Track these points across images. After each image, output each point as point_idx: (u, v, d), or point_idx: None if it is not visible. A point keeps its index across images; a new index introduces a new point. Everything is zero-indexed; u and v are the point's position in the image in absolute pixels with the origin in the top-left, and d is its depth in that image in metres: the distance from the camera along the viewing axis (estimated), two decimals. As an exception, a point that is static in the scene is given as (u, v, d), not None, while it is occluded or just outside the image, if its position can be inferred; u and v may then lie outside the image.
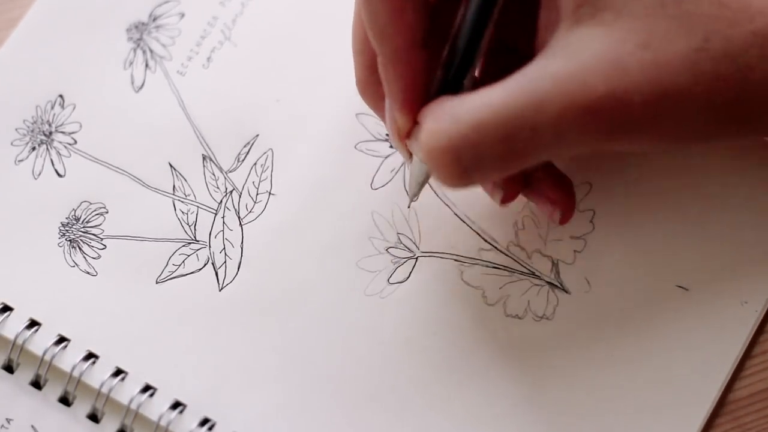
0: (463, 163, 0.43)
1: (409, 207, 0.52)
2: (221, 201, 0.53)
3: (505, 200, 0.50)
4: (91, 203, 0.53)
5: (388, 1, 0.45)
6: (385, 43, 0.46)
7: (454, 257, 0.51)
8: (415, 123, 0.46)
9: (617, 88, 0.42)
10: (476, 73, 0.46)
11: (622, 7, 0.43)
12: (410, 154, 0.47)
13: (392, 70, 0.46)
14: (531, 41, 0.46)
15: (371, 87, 0.49)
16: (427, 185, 0.51)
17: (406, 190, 0.52)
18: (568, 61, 0.43)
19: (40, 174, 0.54)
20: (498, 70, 0.47)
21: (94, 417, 0.50)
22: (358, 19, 0.48)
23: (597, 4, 0.43)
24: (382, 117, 0.49)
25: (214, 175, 0.54)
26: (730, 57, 0.43)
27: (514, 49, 0.49)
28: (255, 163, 0.54)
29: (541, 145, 0.43)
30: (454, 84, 0.45)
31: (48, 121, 0.55)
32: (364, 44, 0.48)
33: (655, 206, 0.51)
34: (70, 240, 0.53)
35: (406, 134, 0.47)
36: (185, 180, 0.54)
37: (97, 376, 0.50)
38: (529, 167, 0.44)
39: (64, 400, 0.50)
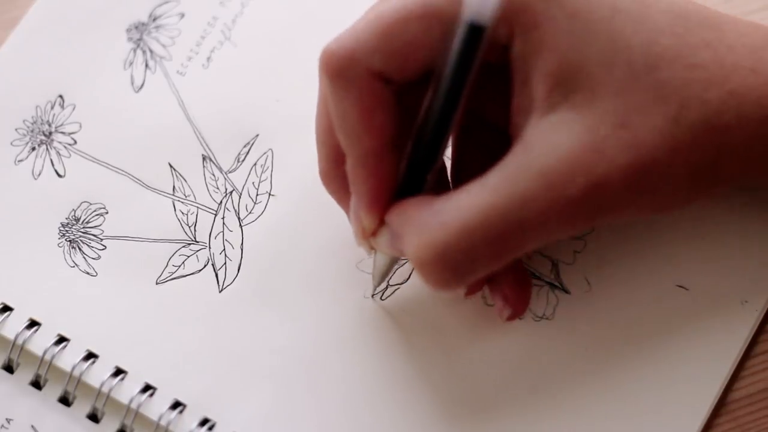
0: (456, 270, 0.44)
1: (372, 297, 0.51)
2: (221, 201, 0.53)
3: (469, 293, 0.50)
4: (91, 203, 0.53)
5: (359, 102, 0.44)
6: (355, 144, 0.45)
7: (454, 257, 0.51)
8: (381, 223, 0.46)
9: (598, 177, 0.42)
10: (448, 151, 0.46)
11: (594, 86, 0.43)
12: (372, 249, 0.48)
13: (361, 172, 0.45)
14: (504, 115, 0.46)
15: (336, 180, 0.48)
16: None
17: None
18: (547, 154, 0.43)
19: (39, 174, 0.54)
20: (471, 145, 0.47)
21: (94, 417, 0.50)
22: (322, 110, 0.48)
23: (568, 86, 0.43)
24: (345, 209, 0.49)
25: (213, 175, 0.54)
26: (707, 122, 0.43)
27: (487, 123, 0.48)
28: (255, 164, 0.54)
29: (528, 240, 0.43)
30: (419, 178, 0.45)
31: (48, 121, 0.55)
32: (328, 135, 0.47)
33: (655, 206, 0.51)
34: (70, 240, 0.53)
35: (371, 233, 0.47)
36: (185, 180, 0.54)
37: (97, 375, 0.50)
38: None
39: (64, 400, 0.50)
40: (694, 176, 0.44)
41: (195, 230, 0.53)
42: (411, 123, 0.45)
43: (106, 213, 0.53)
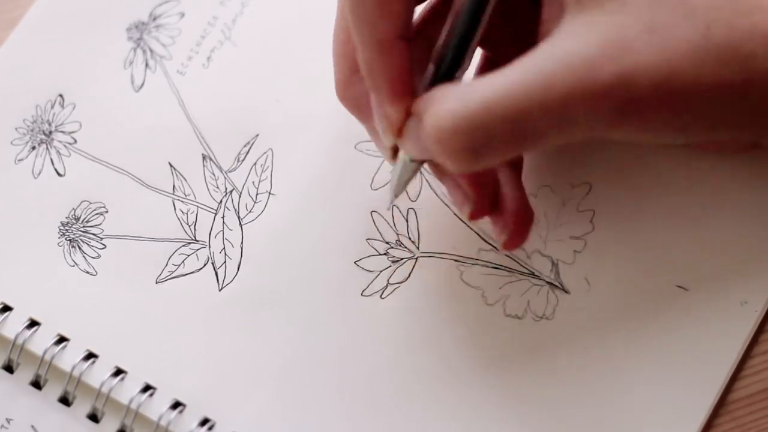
0: (474, 144, 0.43)
1: (388, 209, 0.51)
2: (221, 201, 0.53)
3: (474, 216, 0.49)
4: (91, 203, 0.53)
5: None
6: (370, 32, 0.45)
7: (454, 257, 0.51)
8: (407, 114, 0.45)
9: (625, 69, 0.42)
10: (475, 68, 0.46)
11: None
12: (394, 154, 0.47)
13: (378, 62, 0.45)
14: (533, 35, 0.46)
15: (353, 87, 0.48)
16: (426, 185, 0.51)
17: (407, 193, 0.51)
18: (575, 42, 0.42)
19: (39, 173, 0.54)
20: (500, 63, 0.47)
21: (94, 417, 0.50)
22: (340, 23, 0.48)
23: None
24: (363, 119, 0.49)
25: (214, 174, 0.54)
26: (733, 45, 0.43)
27: (516, 44, 0.48)
28: (255, 163, 0.54)
29: (550, 125, 0.42)
30: (447, 78, 0.45)
31: (48, 120, 0.55)
32: (346, 46, 0.48)
33: (655, 206, 0.51)
34: (70, 239, 0.53)
35: (399, 129, 0.46)
36: (185, 180, 0.54)
37: (97, 375, 0.50)
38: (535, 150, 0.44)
39: (64, 400, 0.50)
40: (720, 99, 0.43)
41: (195, 229, 0.53)
42: (430, 27, 0.46)
43: (106, 212, 0.53)
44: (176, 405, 0.50)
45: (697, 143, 0.51)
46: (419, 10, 0.48)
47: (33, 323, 0.51)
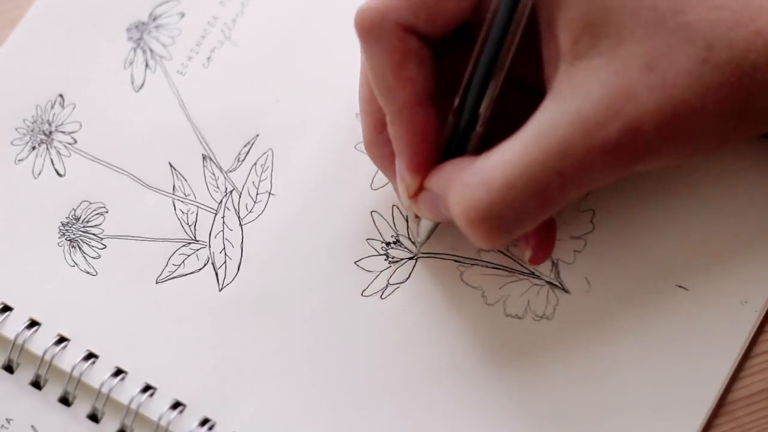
0: (503, 225, 0.44)
1: (416, 258, 0.52)
2: (221, 201, 0.53)
3: (534, 262, 0.50)
4: (91, 203, 0.53)
5: (390, 55, 0.45)
6: (390, 98, 0.46)
7: (454, 257, 0.51)
8: (422, 185, 0.47)
9: (631, 119, 0.43)
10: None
11: (621, 31, 0.43)
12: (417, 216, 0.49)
13: (398, 127, 0.46)
14: (538, 75, 0.46)
15: (379, 147, 0.49)
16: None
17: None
18: (578, 100, 0.43)
19: (40, 173, 0.54)
20: (508, 108, 0.47)
21: (94, 417, 0.50)
22: (364, 80, 0.49)
23: (595, 32, 0.43)
24: (389, 176, 0.50)
25: (214, 174, 0.54)
26: (734, 62, 0.43)
27: (523, 84, 0.49)
28: (255, 163, 0.54)
29: (571, 189, 0.44)
30: (463, 139, 0.46)
31: (48, 120, 0.55)
32: (371, 104, 0.48)
33: (655, 206, 0.51)
34: (70, 240, 0.53)
35: (413, 195, 0.47)
36: (185, 180, 0.54)
37: (97, 376, 0.50)
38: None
39: (64, 400, 0.50)
40: (725, 116, 0.44)
41: (195, 229, 0.53)
42: (452, 83, 0.46)
43: (106, 212, 0.53)
44: (176, 405, 0.50)
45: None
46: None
47: (33, 323, 0.51)
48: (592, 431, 0.48)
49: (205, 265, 0.52)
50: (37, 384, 0.51)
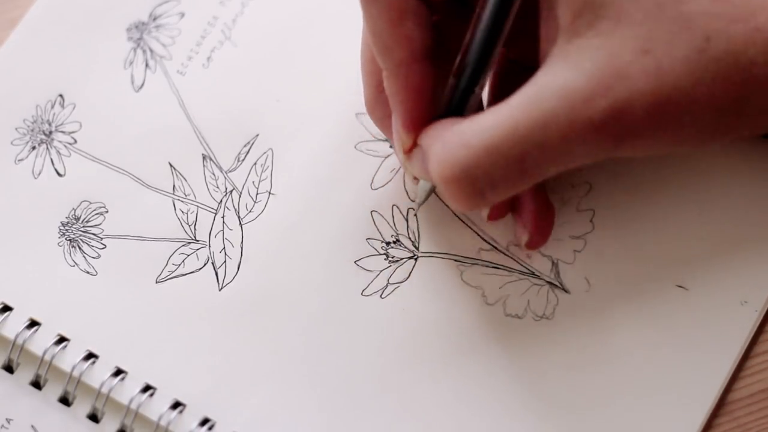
0: (477, 188, 0.44)
1: (415, 214, 0.52)
2: (221, 201, 0.53)
3: (492, 218, 0.50)
4: (91, 203, 0.53)
5: (387, 13, 0.45)
6: (387, 55, 0.46)
7: (454, 257, 0.51)
8: (416, 142, 0.47)
9: (619, 99, 0.42)
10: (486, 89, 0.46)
11: (620, 13, 0.43)
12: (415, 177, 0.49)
13: (394, 83, 0.47)
14: (535, 53, 0.46)
15: (379, 106, 0.49)
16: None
17: (406, 192, 0.52)
18: (569, 74, 0.43)
19: (40, 173, 0.54)
20: (505, 84, 0.47)
21: (94, 417, 0.50)
22: (366, 42, 0.49)
23: (595, 12, 0.43)
24: (387, 135, 0.50)
25: (214, 174, 0.54)
26: (732, 55, 0.43)
27: (520, 62, 0.49)
28: (255, 163, 0.54)
29: (551, 162, 0.43)
30: (464, 96, 0.46)
31: (48, 120, 0.55)
32: (372, 64, 0.49)
33: (655, 206, 0.51)
34: (70, 239, 0.53)
35: (407, 151, 0.47)
36: (185, 180, 0.54)
37: (97, 376, 0.50)
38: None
39: (64, 400, 0.50)
40: (718, 110, 0.43)
41: (195, 229, 0.53)
42: (450, 46, 0.46)
43: (106, 212, 0.53)
44: (176, 405, 0.50)
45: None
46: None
47: (33, 323, 0.51)
48: (592, 431, 0.48)
49: (205, 264, 0.52)
50: (37, 384, 0.51)
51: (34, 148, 0.54)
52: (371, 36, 0.46)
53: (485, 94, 0.50)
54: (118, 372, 0.50)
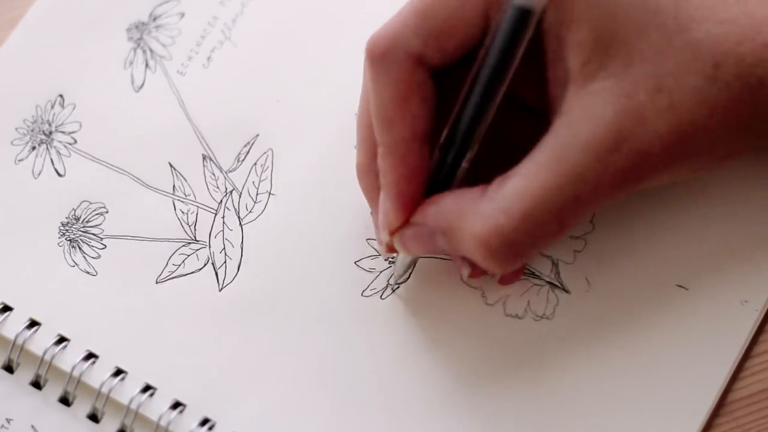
0: (521, 252, 0.44)
1: (394, 290, 0.51)
2: (221, 201, 0.53)
3: (473, 276, 0.50)
4: (91, 203, 0.53)
5: (396, 86, 0.45)
6: (388, 130, 0.45)
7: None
8: (406, 222, 0.46)
9: (641, 144, 0.43)
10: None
11: (630, 51, 0.43)
12: (389, 249, 0.48)
13: (390, 160, 0.46)
14: (540, 95, 0.46)
15: (370, 175, 0.49)
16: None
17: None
18: (591, 126, 0.43)
19: (40, 173, 0.54)
20: (502, 126, 0.47)
21: (94, 417, 0.50)
22: (365, 106, 0.48)
23: (605, 52, 0.43)
24: (373, 207, 0.49)
25: (214, 174, 0.54)
26: (741, 78, 0.43)
27: (521, 102, 0.49)
28: (255, 163, 0.54)
29: (584, 212, 0.44)
30: (451, 171, 0.46)
31: (48, 120, 0.55)
32: (369, 131, 0.48)
33: (655, 206, 0.51)
34: (70, 240, 0.53)
35: (394, 231, 0.47)
36: (185, 180, 0.54)
37: (97, 376, 0.50)
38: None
39: (64, 400, 0.50)
40: (730, 134, 0.44)
41: (195, 229, 0.53)
42: (444, 119, 0.46)
43: (106, 212, 0.53)
44: (176, 405, 0.50)
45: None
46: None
47: (33, 323, 0.51)
48: (592, 431, 0.48)
49: (205, 265, 0.52)
50: (37, 384, 0.51)
51: (34, 148, 0.54)
52: (375, 107, 0.46)
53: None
54: (118, 372, 0.50)
